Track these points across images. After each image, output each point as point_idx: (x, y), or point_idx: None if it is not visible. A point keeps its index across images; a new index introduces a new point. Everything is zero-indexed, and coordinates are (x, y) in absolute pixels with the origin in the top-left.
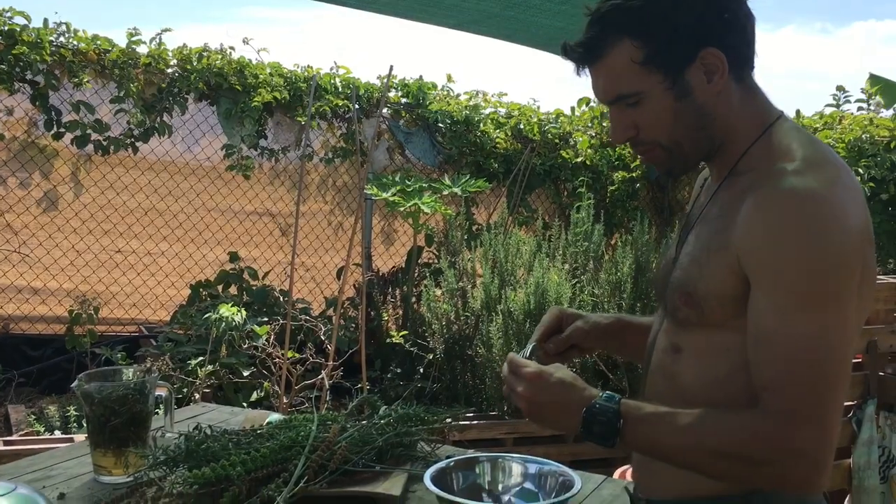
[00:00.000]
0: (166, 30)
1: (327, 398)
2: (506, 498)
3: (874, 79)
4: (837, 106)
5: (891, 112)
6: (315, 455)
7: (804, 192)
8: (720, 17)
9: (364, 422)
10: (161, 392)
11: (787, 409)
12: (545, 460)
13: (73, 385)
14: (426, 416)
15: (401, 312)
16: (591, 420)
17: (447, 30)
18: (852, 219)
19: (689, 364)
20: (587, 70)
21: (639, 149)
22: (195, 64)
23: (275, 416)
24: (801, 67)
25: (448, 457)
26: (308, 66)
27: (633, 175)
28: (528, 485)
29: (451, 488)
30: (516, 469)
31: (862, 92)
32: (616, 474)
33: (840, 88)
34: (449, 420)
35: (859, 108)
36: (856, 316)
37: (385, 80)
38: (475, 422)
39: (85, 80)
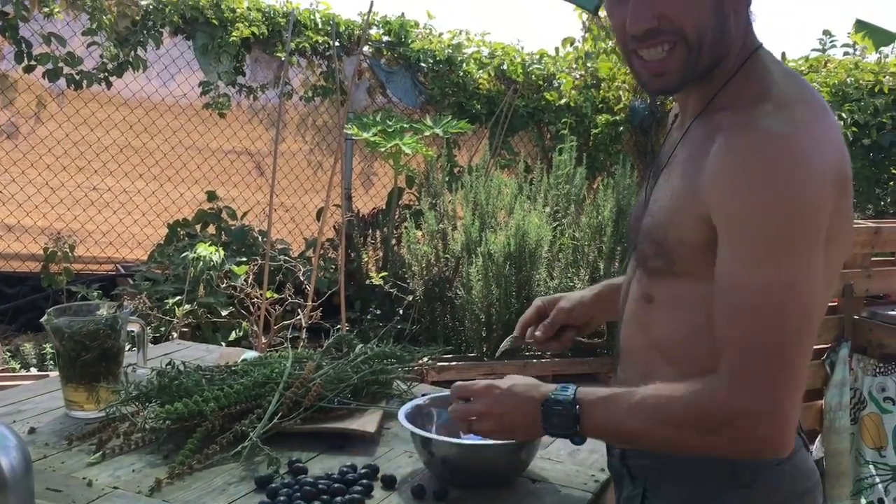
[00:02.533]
0: None
1: (304, 338)
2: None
3: (860, 24)
4: (823, 50)
5: (876, 56)
6: (289, 391)
7: (772, 134)
8: None
9: (339, 360)
10: (133, 328)
11: (743, 368)
12: None
13: (42, 319)
14: (402, 354)
15: (381, 254)
16: (550, 412)
17: None
18: (823, 163)
19: (661, 314)
20: None
21: (657, 41)
22: None
23: (250, 354)
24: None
25: (423, 395)
26: (287, 0)
27: (617, 118)
28: None
29: (425, 426)
30: None
31: (848, 36)
32: None
33: (826, 33)
34: (426, 359)
35: (845, 53)
36: (830, 263)
37: (366, 17)
38: (454, 363)
39: (56, 10)
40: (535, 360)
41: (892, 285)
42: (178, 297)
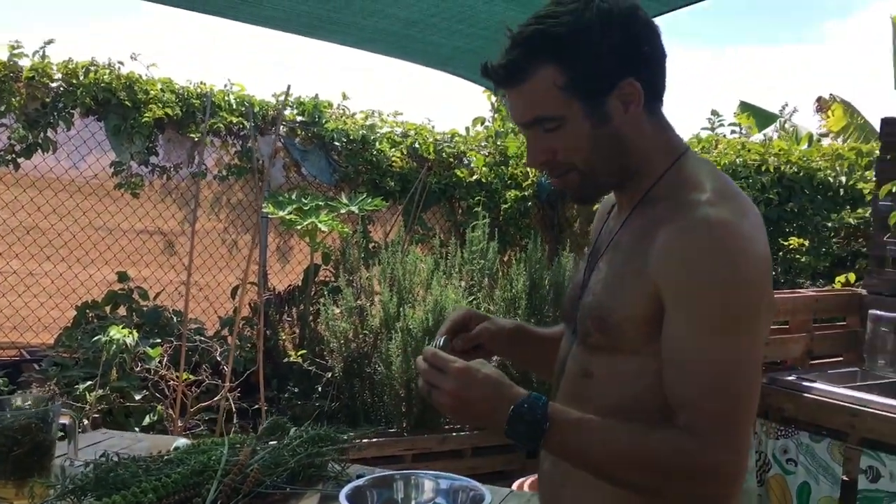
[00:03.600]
0: (50, 42)
1: (233, 420)
2: None
3: (743, 105)
4: (712, 129)
5: (760, 136)
6: (227, 479)
7: (718, 222)
8: (639, 51)
9: (275, 443)
10: (65, 420)
11: (705, 426)
12: (456, 476)
13: None
14: (336, 435)
15: (297, 331)
16: (518, 419)
17: (342, 49)
18: (759, 247)
19: (599, 388)
20: (506, 92)
21: (554, 172)
22: (82, 78)
23: (182, 441)
24: (684, 89)
25: (359, 476)
26: (201, 82)
27: (525, 194)
28: (439, 500)
29: None
30: (429, 485)
31: (734, 117)
32: (514, 486)
33: (714, 113)
34: (363, 440)
35: (732, 132)
36: (762, 333)
37: (283, 98)
38: (374, 439)
39: None
40: (454, 434)
41: (788, 352)
42: (90, 382)
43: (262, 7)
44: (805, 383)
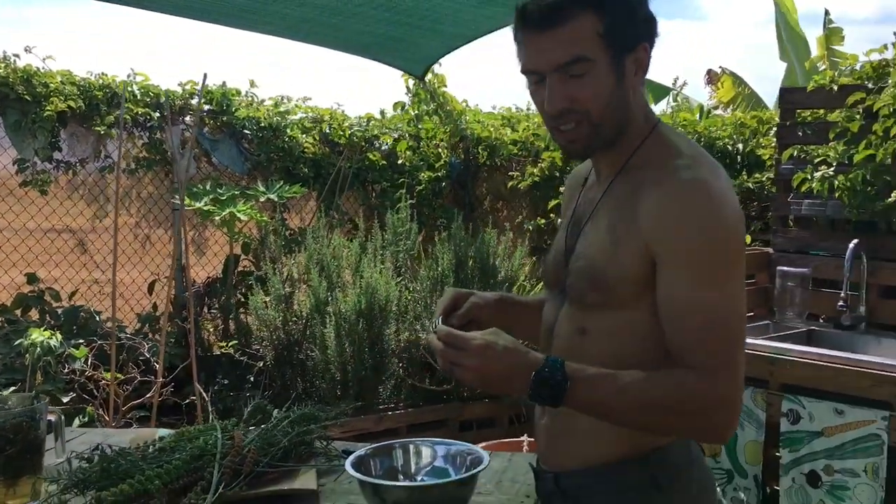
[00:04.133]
0: None
1: (165, 416)
2: (419, 477)
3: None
4: None
5: (659, 109)
6: (226, 461)
7: (701, 183)
8: (654, 23)
9: (263, 426)
10: (51, 417)
11: (709, 364)
12: (453, 441)
13: None
14: (319, 414)
15: (221, 323)
16: (540, 384)
17: (245, 34)
18: (734, 202)
19: (596, 343)
20: (539, 34)
21: (568, 120)
22: None
23: (163, 432)
24: None
25: (344, 451)
26: (103, 73)
27: (439, 174)
28: (438, 463)
29: (370, 474)
30: (427, 452)
31: None
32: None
33: None
34: (346, 416)
35: None
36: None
37: (199, 89)
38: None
39: None
40: (389, 413)
41: None
42: (13, 388)
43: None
44: None
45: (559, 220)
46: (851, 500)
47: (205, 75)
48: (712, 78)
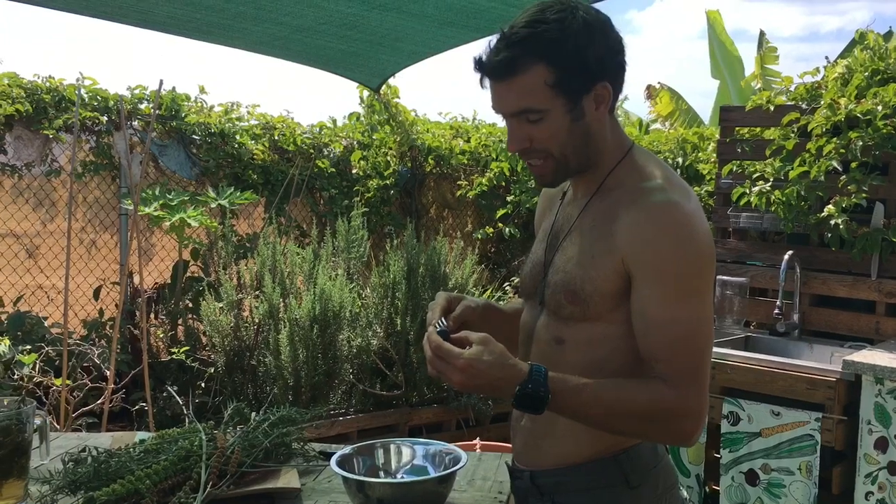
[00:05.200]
0: None
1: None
2: (400, 475)
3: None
4: None
5: None
6: (212, 461)
7: (673, 205)
8: (614, 59)
9: (241, 427)
10: (37, 420)
11: (677, 376)
12: (432, 441)
13: None
14: (296, 416)
15: (169, 329)
16: (524, 397)
17: (191, 41)
18: (704, 224)
19: (573, 353)
20: (493, 84)
21: (532, 157)
22: None
23: (142, 435)
24: None
25: (321, 451)
26: (50, 76)
27: (387, 182)
28: (418, 462)
29: (353, 472)
30: (407, 451)
31: None
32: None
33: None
34: (320, 419)
35: None
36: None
37: (157, 94)
38: None
39: None
40: (340, 418)
41: None
42: None
43: (155, 14)
44: None
45: (507, 229)
46: (787, 498)
47: (161, 81)
48: (651, 93)
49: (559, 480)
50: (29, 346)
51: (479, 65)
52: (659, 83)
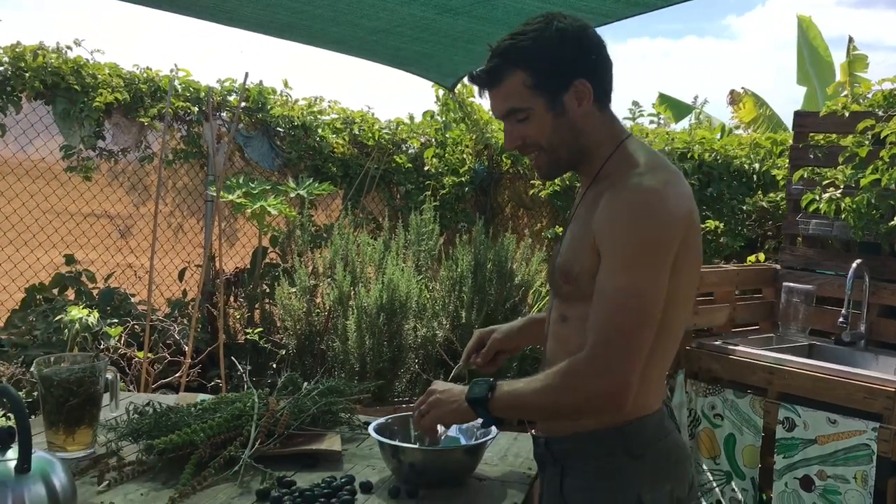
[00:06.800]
0: None
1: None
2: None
3: (662, 97)
4: (633, 119)
5: (681, 125)
6: (262, 421)
7: (641, 186)
8: (588, 58)
9: (295, 395)
10: (108, 375)
11: (595, 338)
12: None
13: (31, 369)
14: (344, 388)
15: (246, 311)
16: (471, 400)
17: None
18: (672, 207)
19: (573, 329)
20: (487, 92)
21: (525, 153)
22: (29, 62)
23: (204, 396)
24: None
25: (366, 422)
26: (147, 67)
27: (462, 180)
28: (452, 433)
29: (390, 439)
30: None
31: (654, 107)
32: None
33: (635, 104)
34: (367, 393)
35: (650, 122)
36: (681, 285)
37: (243, 87)
38: None
39: None
40: (403, 406)
41: (714, 320)
42: None
43: (240, 14)
44: (729, 346)
45: None
46: None
47: (246, 74)
48: (734, 98)
49: (569, 447)
50: (116, 320)
51: (471, 77)
52: (742, 88)
